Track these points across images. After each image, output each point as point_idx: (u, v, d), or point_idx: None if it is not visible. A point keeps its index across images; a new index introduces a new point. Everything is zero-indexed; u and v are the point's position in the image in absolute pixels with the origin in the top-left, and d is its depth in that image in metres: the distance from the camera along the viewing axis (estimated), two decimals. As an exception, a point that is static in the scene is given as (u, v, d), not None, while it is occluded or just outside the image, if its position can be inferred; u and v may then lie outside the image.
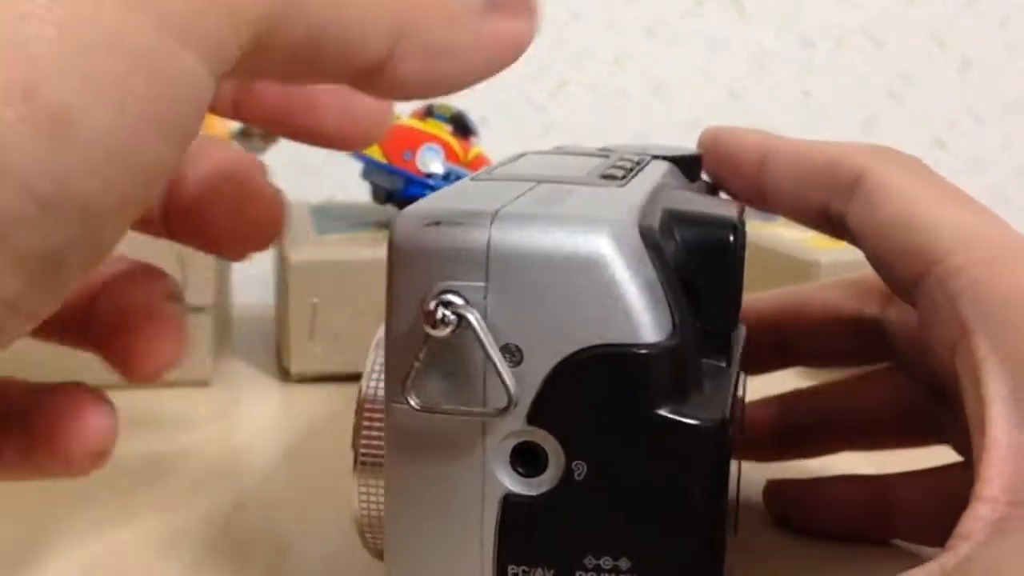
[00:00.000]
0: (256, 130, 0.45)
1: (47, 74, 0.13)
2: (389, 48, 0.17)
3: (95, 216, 0.14)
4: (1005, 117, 0.76)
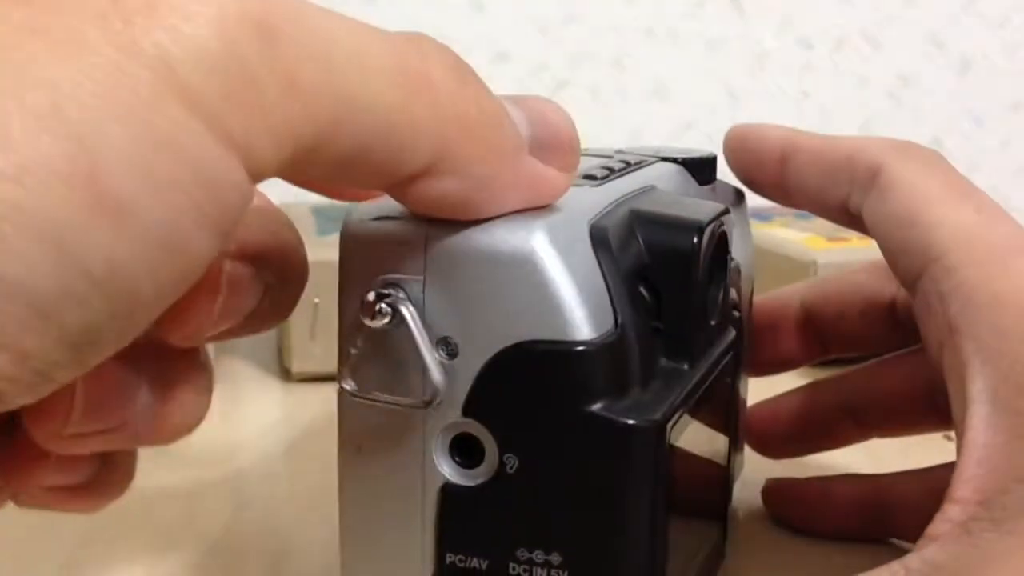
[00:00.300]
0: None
1: (110, 164, 0.14)
2: (428, 164, 0.18)
3: (136, 300, 0.15)
4: (1004, 118, 0.76)
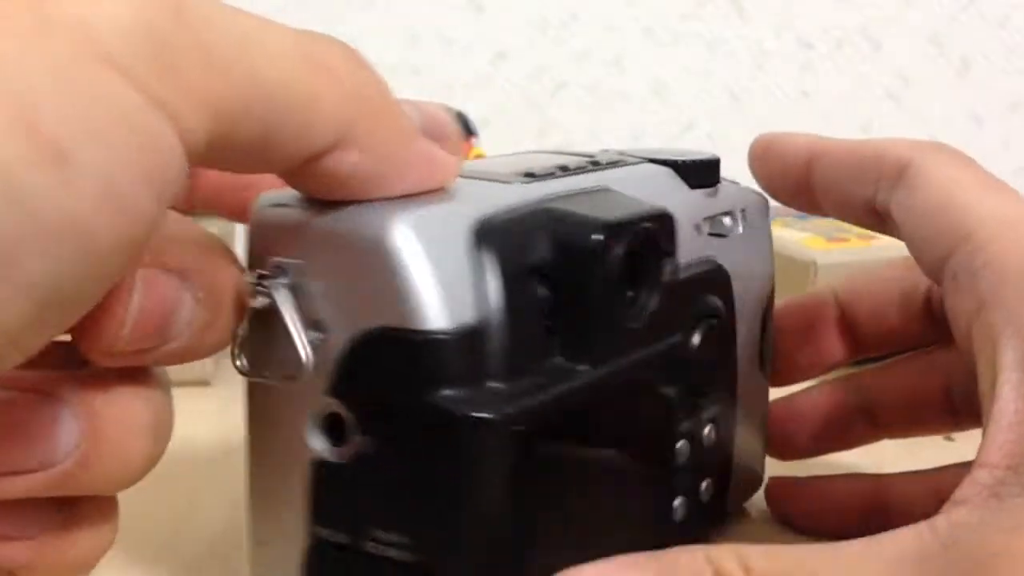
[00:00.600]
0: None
1: (47, 114, 0.15)
2: (335, 140, 0.19)
3: (96, 250, 0.16)
4: (1004, 118, 0.76)
